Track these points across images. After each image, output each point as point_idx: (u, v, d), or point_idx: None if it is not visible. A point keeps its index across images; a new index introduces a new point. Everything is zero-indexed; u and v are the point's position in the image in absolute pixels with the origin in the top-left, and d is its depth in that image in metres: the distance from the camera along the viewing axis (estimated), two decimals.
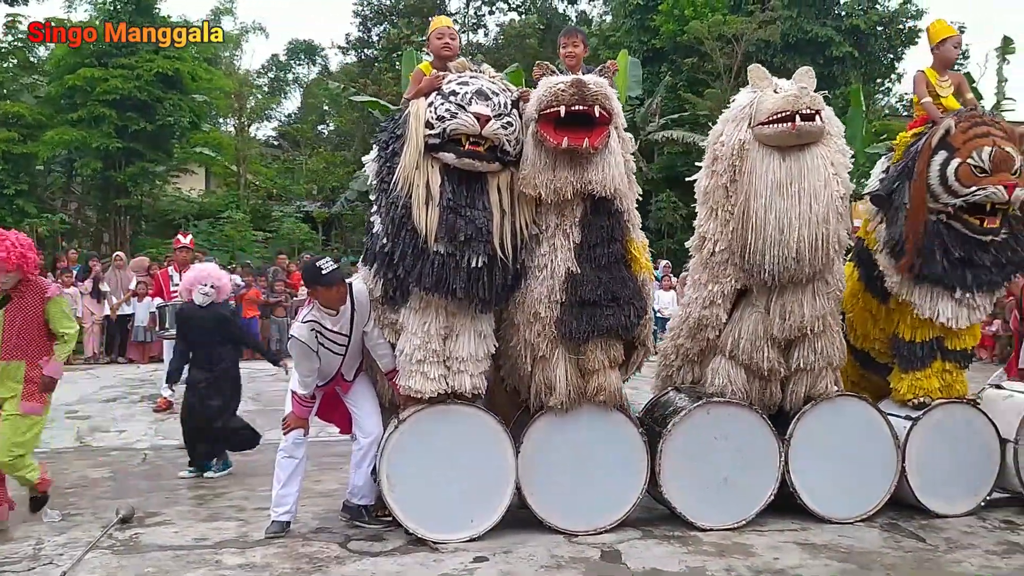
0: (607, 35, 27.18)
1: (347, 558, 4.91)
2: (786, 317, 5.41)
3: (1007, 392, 6.15)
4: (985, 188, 5.40)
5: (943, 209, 5.54)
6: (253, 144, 27.39)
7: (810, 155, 5.23)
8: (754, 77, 5.48)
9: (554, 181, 4.92)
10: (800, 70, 5.47)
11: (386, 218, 5.00)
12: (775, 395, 5.63)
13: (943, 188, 5.52)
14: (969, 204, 5.47)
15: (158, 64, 19.68)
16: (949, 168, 5.50)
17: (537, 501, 5.30)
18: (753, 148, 5.26)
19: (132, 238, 21.26)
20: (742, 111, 5.38)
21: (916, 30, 25.18)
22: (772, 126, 5.17)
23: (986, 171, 5.41)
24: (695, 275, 5.79)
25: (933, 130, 5.67)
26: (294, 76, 40.10)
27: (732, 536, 5.34)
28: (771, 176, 5.21)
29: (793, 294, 5.39)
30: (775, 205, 5.18)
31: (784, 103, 5.15)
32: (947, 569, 4.87)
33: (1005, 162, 5.42)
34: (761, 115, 5.24)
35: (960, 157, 5.48)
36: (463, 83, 5.00)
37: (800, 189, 5.18)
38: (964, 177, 5.45)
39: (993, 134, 5.52)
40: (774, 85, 5.36)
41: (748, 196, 5.23)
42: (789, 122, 5.11)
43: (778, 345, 5.51)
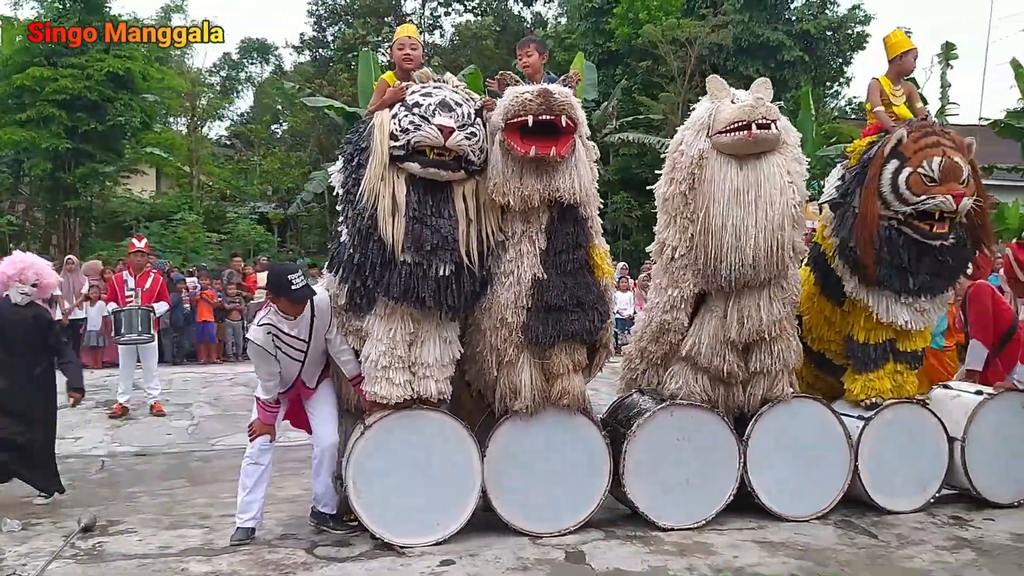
0: (563, 37, 27.32)
1: (314, 564, 4.93)
2: (744, 322, 5.54)
3: (954, 392, 6.36)
4: (934, 197, 5.58)
5: (894, 216, 5.73)
6: (205, 144, 27.04)
7: (767, 164, 5.37)
8: (712, 88, 5.60)
9: (521, 189, 4.99)
10: (757, 81, 5.60)
11: (353, 229, 5.02)
12: (737, 398, 5.76)
13: (894, 196, 5.70)
14: (919, 212, 5.67)
15: (109, 63, 19.37)
16: (900, 176, 5.68)
17: (502, 504, 5.37)
18: (711, 157, 5.38)
19: (82, 240, 20.88)
20: (700, 121, 5.49)
21: (864, 35, 25.77)
22: (729, 135, 5.30)
23: (935, 180, 5.59)
24: (656, 280, 5.90)
25: (886, 139, 5.85)
26: (247, 75, 39.68)
27: (693, 535, 5.46)
28: (729, 184, 5.33)
29: (750, 299, 5.52)
30: (732, 213, 5.31)
31: (740, 113, 5.28)
32: (899, 564, 5.03)
33: (953, 172, 5.61)
34: (719, 124, 5.36)
35: (911, 166, 5.66)
36: (426, 94, 5.05)
37: (756, 197, 5.31)
38: (914, 186, 5.64)
39: (943, 144, 5.71)
40: (732, 95, 5.47)
41: (707, 204, 5.35)
42: (746, 130, 5.24)
43: (736, 349, 5.65)
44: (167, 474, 7.27)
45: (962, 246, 5.86)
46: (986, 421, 6.01)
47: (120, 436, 8.77)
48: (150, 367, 9.98)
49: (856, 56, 26.69)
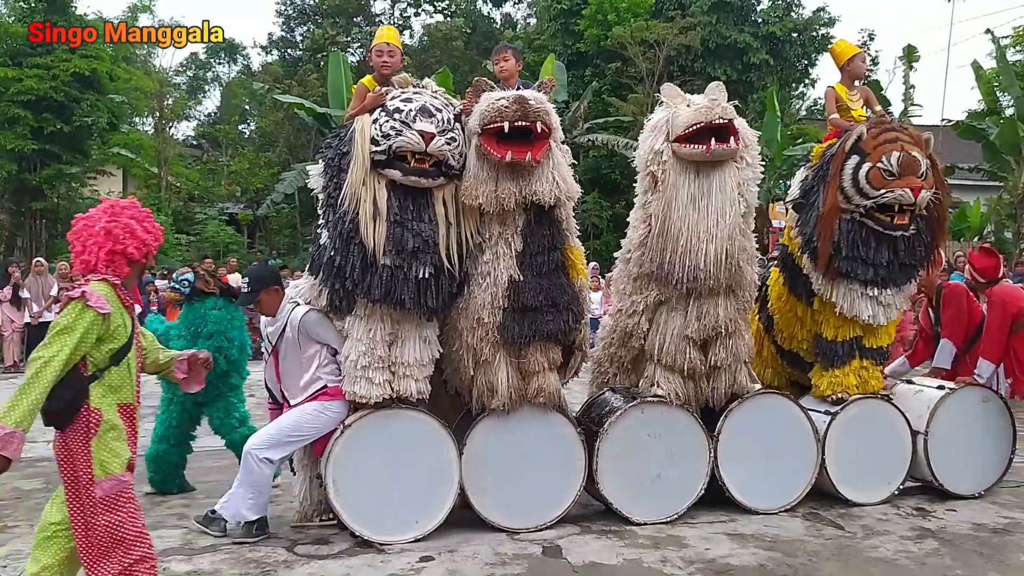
0: (532, 39, 27.49)
1: (295, 562, 4.99)
2: (702, 318, 5.66)
3: (917, 387, 6.55)
4: (893, 191, 5.78)
5: (855, 209, 5.91)
6: (173, 145, 26.86)
7: (720, 173, 5.47)
8: (667, 95, 5.72)
9: (497, 192, 5.10)
10: (711, 85, 5.72)
11: (334, 232, 5.09)
12: (704, 392, 5.90)
13: (855, 190, 5.89)
14: (879, 205, 5.85)
15: (75, 64, 19.22)
16: (861, 172, 5.86)
17: (480, 501, 5.47)
18: (670, 161, 5.49)
19: (48, 242, 20.68)
20: (658, 126, 5.61)
21: (829, 37, 26.16)
22: (688, 147, 5.38)
23: (894, 175, 5.79)
24: (620, 285, 6.03)
25: (847, 135, 6.04)
26: (214, 75, 39.43)
27: (666, 529, 5.59)
28: (685, 190, 5.45)
29: (708, 298, 5.65)
30: (688, 217, 5.42)
31: (698, 115, 5.38)
32: (865, 554, 5.20)
33: (911, 166, 5.81)
34: (677, 128, 5.46)
35: (871, 161, 5.85)
36: (407, 100, 5.13)
37: (709, 205, 5.42)
38: (874, 180, 5.83)
39: (901, 139, 5.91)
40: (687, 100, 5.60)
41: (664, 207, 5.46)
42: (703, 145, 5.33)
43: (696, 345, 5.76)
44: (142, 475, 7.24)
45: (922, 238, 6.05)
46: (948, 415, 6.21)
47: None
48: None
49: (821, 58, 27.11)
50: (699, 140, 5.37)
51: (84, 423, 3.56)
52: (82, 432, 3.55)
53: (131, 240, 3.77)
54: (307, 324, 5.33)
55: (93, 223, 3.77)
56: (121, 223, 3.77)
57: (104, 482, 3.57)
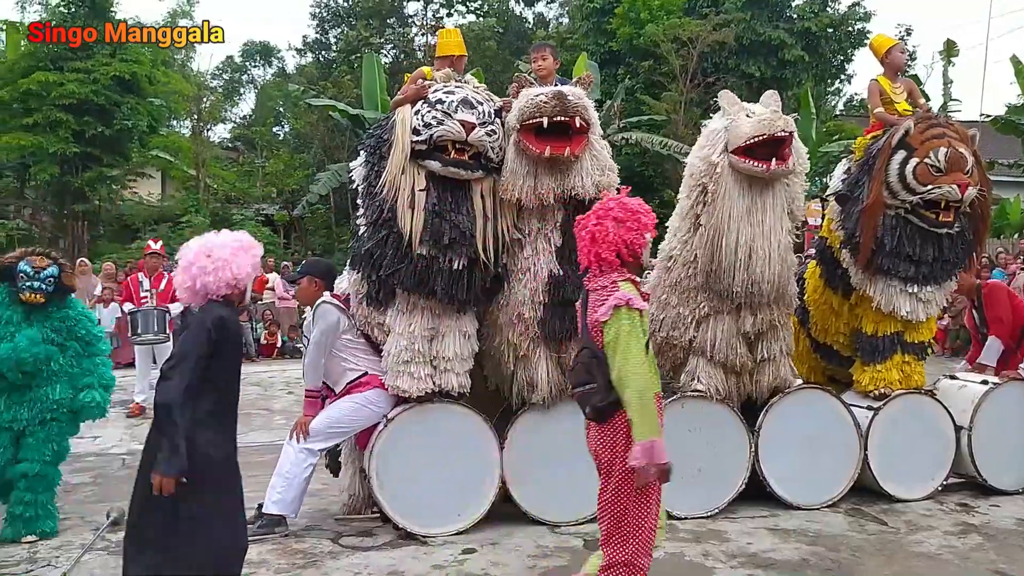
0: (564, 38, 27.40)
1: (340, 553, 5.07)
2: (754, 322, 5.67)
3: (961, 382, 6.49)
4: (940, 187, 5.74)
5: (900, 205, 5.87)
6: (210, 147, 27.16)
7: (772, 188, 5.51)
8: (725, 102, 5.65)
9: (536, 187, 5.14)
10: (766, 94, 5.69)
11: (371, 220, 5.17)
12: (745, 387, 5.90)
13: (901, 185, 5.84)
14: (925, 201, 5.80)
15: (115, 67, 19.48)
16: (907, 167, 5.82)
17: (521, 494, 5.51)
18: (725, 172, 5.45)
19: (90, 244, 21.03)
20: (716, 136, 5.54)
21: (865, 32, 25.82)
22: (747, 162, 5.34)
23: (941, 170, 5.74)
24: (661, 295, 5.90)
25: (893, 130, 5.99)
26: (249, 78, 39.84)
27: (707, 523, 5.60)
28: (741, 202, 5.44)
29: (760, 305, 5.66)
30: (743, 231, 5.42)
31: (759, 127, 5.32)
32: (908, 549, 5.17)
33: (958, 162, 5.76)
34: (737, 140, 5.39)
35: (918, 157, 5.81)
36: (448, 92, 5.20)
37: (764, 220, 5.45)
38: (921, 176, 5.78)
39: (948, 135, 5.86)
40: (746, 110, 5.54)
41: (720, 218, 5.45)
42: (764, 164, 5.31)
43: (747, 341, 5.78)
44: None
45: (965, 235, 6.00)
46: (992, 410, 6.15)
47: (139, 435, 8.86)
48: (148, 369, 10.10)
49: (857, 53, 26.79)
50: (758, 154, 5.34)
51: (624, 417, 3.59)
52: (624, 424, 3.59)
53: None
54: (312, 313, 5.47)
55: (585, 225, 3.83)
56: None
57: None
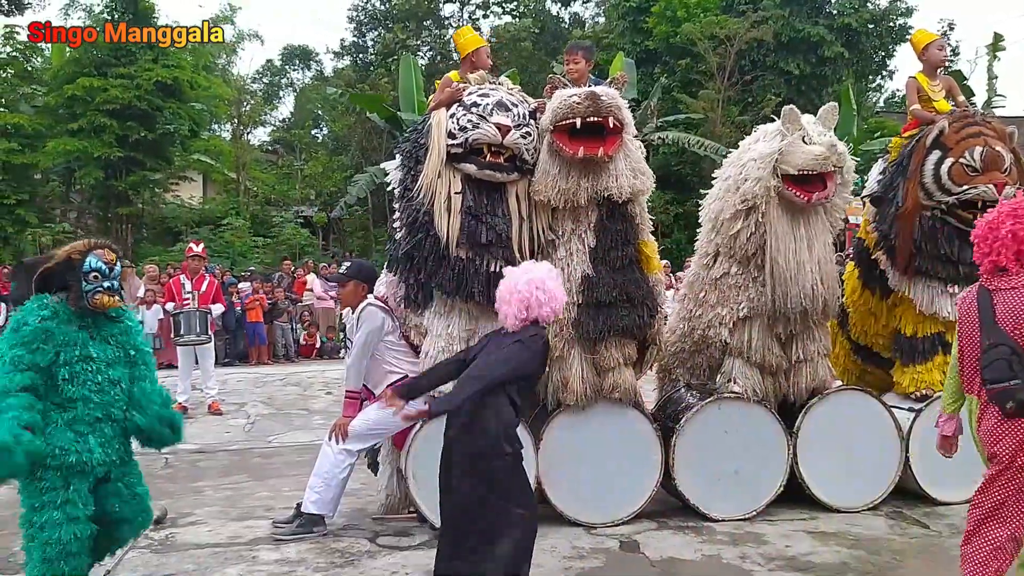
0: (600, 37, 27.36)
1: (377, 552, 5.11)
2: (788, 323, 5.65)
3: None
4: (976, 187, 5.64)
5: (936, 206, 5.78)
6: (250, 150, 27.56)
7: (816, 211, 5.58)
8: (787, 119, 5.56)
9: (569, 188, 5.14)
10: (826, 109, 5.67)
11: (409, 225, 5.20)
12: (781, 388, 5.85)
13: (936, 186, 5.75)
14: (961, 201, 5.71)
15: (157, 73, 19.88)
16: (943, 167, 5.73)
17: (557, 495, 5.51)
18: (775, 194, 5.47)
19: (133, 246, 21.43)
20: (770, 156, 5.49)
21: (906, 27, 25.45)
22: (791, 190, 5.40)
23: (977, 170, 5.64)
24: (699, 292, 5.90)
25: (928, 130, 5.90)
26: (288, 81, 40.32)
27: (744, 526, 5.55)
28: (789, 219, 5.49)
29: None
30: (790, 247, 5.46)
31: (813, 163, 5.34)
32: (951, 553, 5.05)
33: (995, 161, 5.66)
34: (788, 168, 5.40)
35: (953, 156, 5.71)
36: (483, 95, 5.22)
37: (808, 236, 5.51)
38: (957, 176, 5.69)
39: (985, 134, 5.75)
40: (804, 132, 5.48)
41: (771, 236, 5.48)
42: (806, 195, 5.38)
43: (780, 342, 5.73)
44: (229, 469, 7.51)
45: None
46: None
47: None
48: (207, 367, 10.27)
49: (898, 49, 26.42)
50: (803, 185, 5.40)
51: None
52: None
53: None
54: (357, 316, 5.50)
55: (997, 226, 3.87)
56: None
57: None
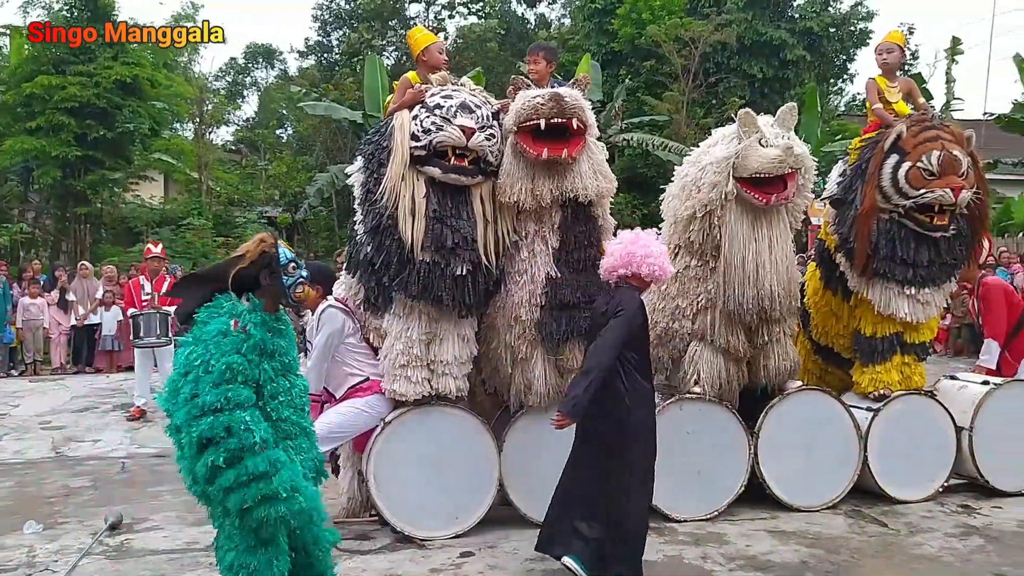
0: (566, 39, 27.40)
1: (337, 556, 5.00)
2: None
3: (961, 383, 6.47)
4: (933, 191, 5.71)
5: (894, 209, 5.85)
6: (213, 150, 27.18)
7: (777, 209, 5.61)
8: (743, 122, 5.61)
9: (533, 190, 5.12)
10: (783, 109, 5.72)
11: (371, 228, 5.15)
12: (744, 375, 5.91)
13: (894, 189, 5.82)
14: (918, 205, 5.78)
15: (117, 71, 19.51)
16: (900, 171, 5.80)
17: (520, 497, 5.50)
18: (733, 196, 5.53)
19: (92, 247, 21.06)
20: (728, 160, 5.55)
21: (867, 32, 25.79)
22: (749, 193, 5.46)
23: (934, 174, 5.72)
24: (661, 285, 5.95)
25: (886, 134, 5.97)
26: (252, 80, 39.92)
27: (706, 526, 5.58)
28: (747, 222, 5.54)
29: None
30: (750, 249, 5.51)
31: (770, 166, 5.42)
32: (909, 551, 5.15)
33: (952, 165, 5.73)
34: (744, 171, 5.48)
35: (910, 161, 5.78)
36: (447, 97, 5.18)
37: (770, 238, 5.56)
38: (914, 180, 5.76)
39: (942, 138, 5.83)
40: (761, 135, 5.53)
41: (729, 239, 5.54)
42: (764, 197, 5.45)
43: (746, 330, 5.78)
44: None
45: (963, 237, 5.97)
46: (993, 411, 6.13)
47: (139, 438, 8.90)
48: (167, 370, 10.08)
49: (859, 53, 26.74)
50: (761, 187, 5.46)
51: None
52: None
53: None
54: (317, 318, 5.42)
55: None
56: None
57: None
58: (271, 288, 3.60)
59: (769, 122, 5.63)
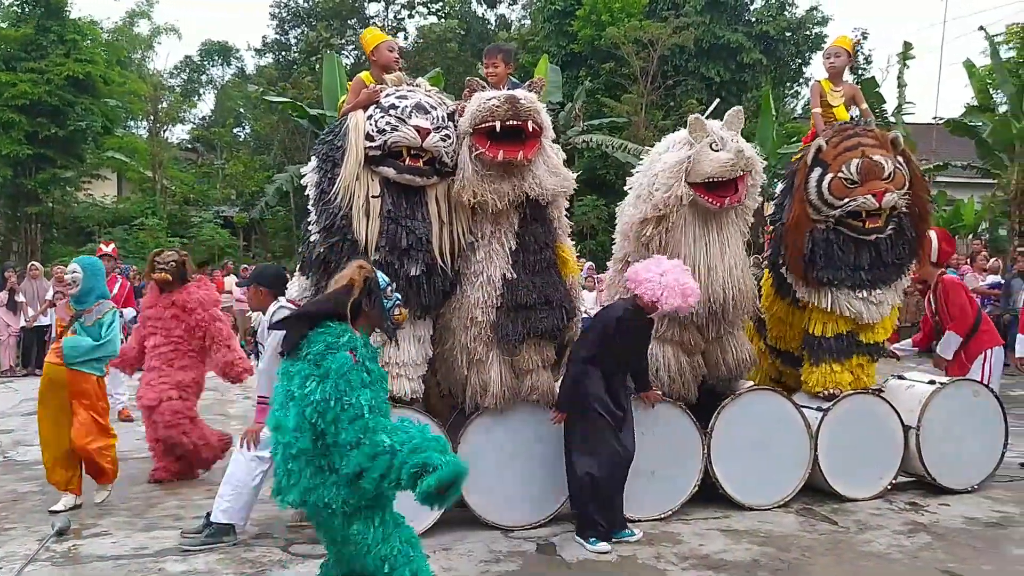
0: (526, 40, 27.48)
1: (290, 561, 5.01)
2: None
3: (909, 382, 6.58)
4: (856, 199, 5.83)
5: (826, 219, 5.96)
6: (167, 148, 26.81)
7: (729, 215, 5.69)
8: (693, 127, 5.66)
9: (490, 191, 5.12)
10: (730, 113, 5.78)
11: (325, 228, 5.11)
12: (701, 366, 5.96)
13: (821, 201, 5.97)
14: (847, 212, 5.90)
15: (69, 68, 19.22)
16: (824, 183, 5.95)
17: (475, 499, 5.48)
18: (686, 200, 5.57)
19: (43, 246, 20.68)
20: (680, 166, 5.59)
21: (822, 36, 26.22)
22: (702, 197, 5.52)
23: (856, 182, 5.84)
24: (614, 295, 6.00)
25: (807, 148, 6.10)
26: (208, 78, 39.42)
27: (660, 526, 5.62)
28: (698, 227, 5.59)
29: None
30: (701, 253, 5.57)
31: (722, 170, 5.47)
32: (858, 549, 5.23)
33: (873, 171, 5.85)
34: (697, 176, 5.53)
35: (832, 172, 5.92)
36: (402, 97, 5.16)
37: (721, 241, 5.62)
38: (836, 190, 5.89)
39: (863, 144, 5.94)
40: (712, 138, 5.58)
41: (679, 243, 5.59)
42: (717, 201, 5.51)
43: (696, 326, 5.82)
44: (138, 478, 7.26)
45: (905, 234, 6.08)
46: (939, 409, 6.24)
47: None
48: (117, 373, 9.91)
49: (815, 57, 27.16)
50: (714, 191, 5.51)
51: None
52: None
53: None
54: (269, 319, 5.31)
55: None
56: None
57: None
58: (373, 314, 3.63)
59: (718, 126, 5.69)
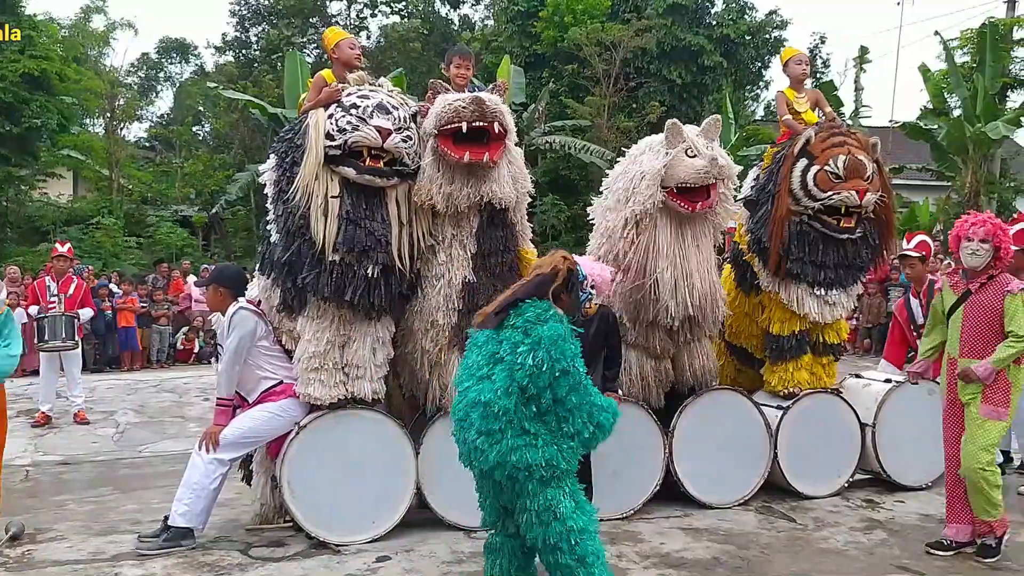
0: (489, 40, 27.44)
1: (249, 565, 4.96)
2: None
3: (865, 381, 6.69)
4: (839, 192, 5.93)
5: (804, 211, 6.05)
6: (124, 146, 26.36)
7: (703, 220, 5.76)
8: (670, 133, 5.70)
9: (452, 193, 5.11)
10: (708, 120, 5.86)
11: (283, 228, 5.06)
12: (669, 373, 6.02)
13: (803, 192, 6.03)
14: (826, 207, 5.98)
15: (24, 64, 18.84)
16: (808, 174, 6.02)
17: (437, 500, 5.47)
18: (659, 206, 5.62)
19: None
20: (656, 171, 5.62)
21: (781, 40, 26.53)
22: (676, 202, 5.58)
23: (841, 177, 5.94)
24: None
25: (796, 139, 6.18)
26: (166, 75, 38.83)
27: (621, 524, 5.65)
28: (673, 232, 5.65)
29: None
30: (676, 256, 5.61)
31: (696, 176, 5.54)
32: (815, 546, 5.30)
33: (857, 169, 5.96)
34: (672, 181, 5.58)
35: (818, 164, 6.00)
36: (363, 96, 5.12)
37: (694, 243, 5.69)
38: (821, 183, 5.97)
39: (848, 143, 6.07)
40: (687, 144, 5.63)
41: (654, 247, 5.63)
42: (690, 205, 5.57)
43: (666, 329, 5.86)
44: (94, 482, 7.16)
45: (869, 241, 6.20)
46: (894, 408, 6.34)
47: (44, 445, 8.59)
48: (74, 375, 9.76)
49: (774, 60, 27.47)
50: (686, 196, 5.57)
51: None
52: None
53: None
54: (228, 320, 5.29)
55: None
56: None
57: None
58: (569, 303, 3.92)
59: (695, 132, 5.75)
